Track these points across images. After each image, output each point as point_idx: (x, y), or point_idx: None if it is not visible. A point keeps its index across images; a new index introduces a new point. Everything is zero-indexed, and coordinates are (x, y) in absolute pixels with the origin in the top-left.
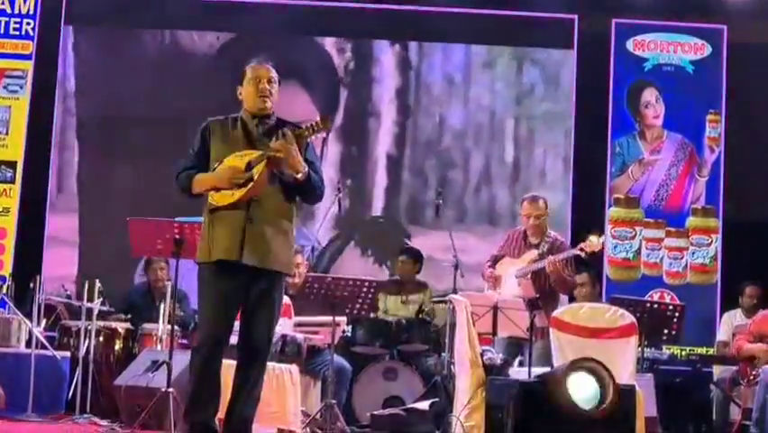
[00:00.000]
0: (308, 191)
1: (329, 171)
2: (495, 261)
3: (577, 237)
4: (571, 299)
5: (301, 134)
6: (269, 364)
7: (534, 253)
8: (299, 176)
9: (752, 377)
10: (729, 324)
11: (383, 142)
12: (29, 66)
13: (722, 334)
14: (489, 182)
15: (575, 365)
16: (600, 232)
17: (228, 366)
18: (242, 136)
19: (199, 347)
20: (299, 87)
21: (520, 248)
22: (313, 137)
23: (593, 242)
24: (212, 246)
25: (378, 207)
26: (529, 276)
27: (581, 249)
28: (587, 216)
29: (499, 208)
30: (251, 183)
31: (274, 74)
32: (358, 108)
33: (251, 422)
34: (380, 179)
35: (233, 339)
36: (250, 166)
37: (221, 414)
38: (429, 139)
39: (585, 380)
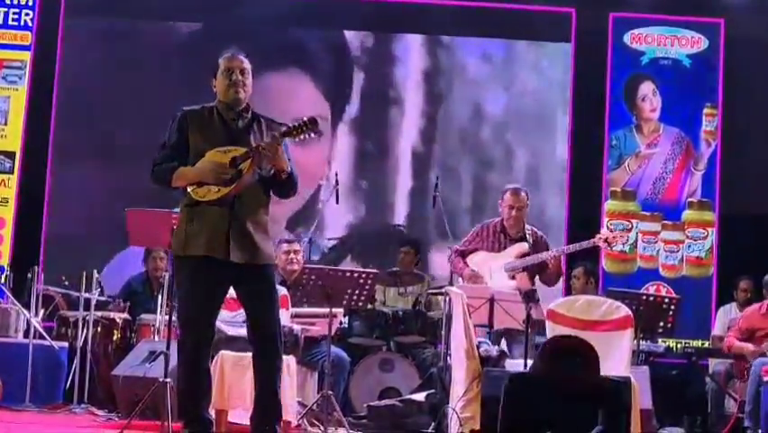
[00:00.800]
0: (287, 187)
1: (343, 168)
2: (463, 255)
3: (573, 231)
4: (568, 292)
5: (289, 134)
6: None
7: (522, 247)
8: (284, 174)
9: (746, 372)
10: (724, 318)
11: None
12: (28, 57)
13: (717, 328)
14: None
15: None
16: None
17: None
18: (222, 130)
19: (184, 344)
20: (300, 73)
21: (500, 241)
22: (300, 138)
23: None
24: (191, 240)
25: (401, 214)
26: (519, 270)
27: (605, 240)
28: (583, 210)
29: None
30: (238, 180)
31: (247, 65)
32: (376, 94)
33: (280, 408)
34: (404, 180)
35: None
36: (235, 162)
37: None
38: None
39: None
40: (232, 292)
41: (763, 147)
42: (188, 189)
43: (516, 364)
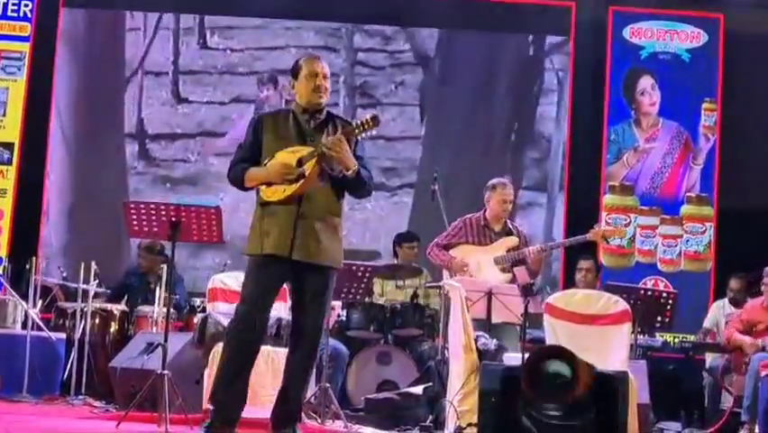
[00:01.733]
0: (357, 187)
1: None
2: (445, 248)
3: (571, 225)
4: (571, 285)
5: (352, 132)
6: (264, 348)
7: (513, 240)
8: (349, 173)
9: (744, 366)
10: (716, 313)
11: None
12: (27, 48)
13: (707, 321)
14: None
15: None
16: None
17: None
18: (294, 131)
19: (232, 329)
20: None
21: (485, 235)
22: (363, 135)
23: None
24: (263, 240)
25: None
26: (510, 264)
27: (601, 235)
28: (581, 204)
29: None
30: (303, 180)
31: (327, 69)
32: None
33: (301, 407)
34: None
35: None
36: (301, 162)
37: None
38: None
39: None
40: (230, 284)
41: (762, 142)
42: (259, 190)
43: (513, 358)
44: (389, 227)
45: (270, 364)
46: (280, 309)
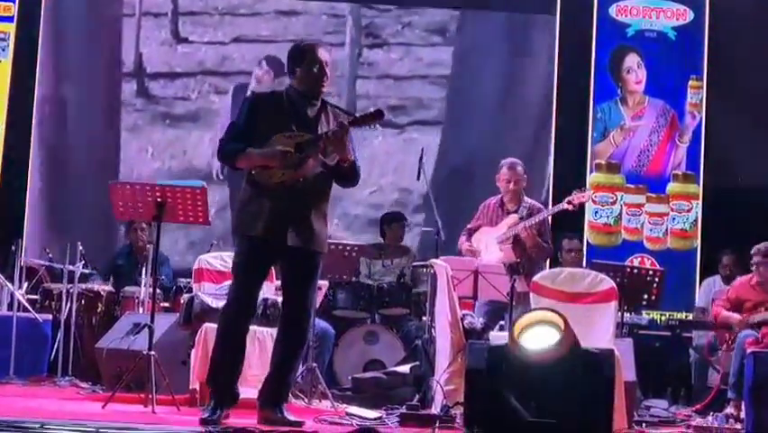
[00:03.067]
0: (350, 177)
1: None
2: (470, 234)
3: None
4: (555, 264)
5: (356, 124)
6: (252, 328)
7: (513, 218)
8: (346, 164)
9: (729, 343)
10: (708, 290)
11: None
12: (11, 28)
13: (700, 300)
14: None
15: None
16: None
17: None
18: (292, 116)
19: (227, 316)
20: None
21: (498, 216)
22: (366, 127)
23: (579, 193)
24: (252, 221)
25: None
26: (510, 241)
27: (569, 202)
28: (568, 182)
29: None
30: (303, 166)
31: (330, 56)
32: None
33: (289, 388)
34: None
35: None
36: (301, 149)
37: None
38: None
39: (540, 332)
40: (216, 265)
41: (748, 119)
42: (252, 171)
43: (499, 337)
44: (397, 163)
45: (257, 345)
46: (267, 290)
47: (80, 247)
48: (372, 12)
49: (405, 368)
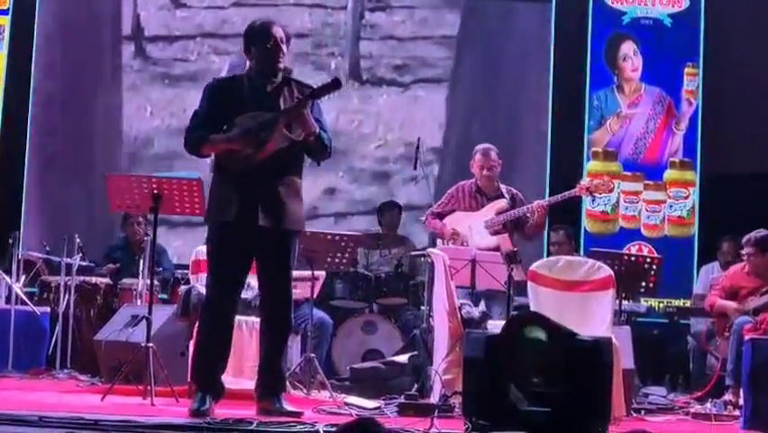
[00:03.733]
0: (318, 149)
1: None
2: (440, 217)
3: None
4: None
5: (314, 96)
6: (249, 319)
7: (500, 203)
8: (311, 137)
9: (727, 330)
10: (706, 277)
11: None
12: (6, 21)
13: (699, 287)
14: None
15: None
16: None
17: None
18: (252, 96)
19: (210, 305)
20: None
21: (476, 201)
22: (325, 97)
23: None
24: (223, 206)
25: None
26: (503, 227)
27: (587, 188)
28: (565, 170)
29: None
30: (266, 145)
31: (283, 33)
32: None
33: (284, 376)
34: None
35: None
36: (263, 127)
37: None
38: None
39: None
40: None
41: (744, 106)
42: (219, 156)
43: (497, 326)
44: (403, 119)
45: (254, 336)
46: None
47: (77, 239)
48: None
49: (403, 358)
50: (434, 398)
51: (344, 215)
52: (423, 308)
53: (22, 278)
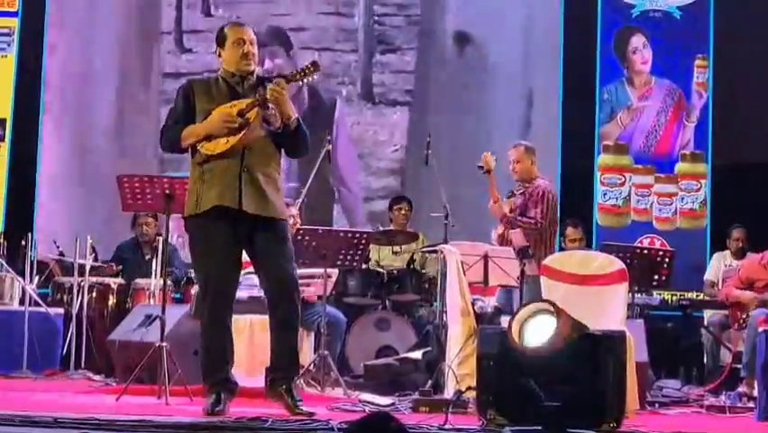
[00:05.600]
0: (298, 140)
1: None
2: None
3: (566, 186)
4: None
5: (293, 78)
6: (263, 318)
7: (512, 201)
8: (291, 122)
9: (742, 321)
10: (718, 264)
11: None
12: (15, 23)
13: (710, 273)
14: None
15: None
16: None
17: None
18: (227, 93)
19: (204, 305)
20: None
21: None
22: (304, 81)
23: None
24: (202, 196)
25: None
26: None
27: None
28: (576, 164)
29: None
30: (246, 128)
31: (254, 35)
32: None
33: (297, 370)
34: None
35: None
36: (242, 113)
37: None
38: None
39: (540, 323)
40: None
41: (755, 97)
42: (198, 147)
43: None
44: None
45: (267, 333)
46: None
47: (90, 240)
48: None
49: (417, 354)
50: (448, 394)
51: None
52: (435, 304)
53: (36, 279)
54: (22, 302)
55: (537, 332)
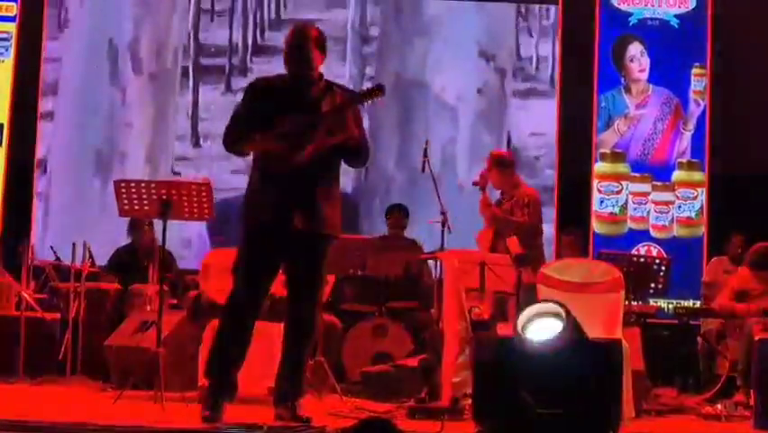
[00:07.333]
0: (357, 155)
1: None
2: None
3: (563, 193)
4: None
5: (357, 100)
6: (259, 324)
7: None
8: (351, 141)
9: (738, 330)
10: (716, 268)
11: None
12: (13, 28)
13: (707, 275)
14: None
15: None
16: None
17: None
18: (294, 98)
19: (231, 306)
20: None
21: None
22: (367, 103)
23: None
24: (261, 207)
25: None
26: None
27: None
28: (573, 172)
29: None
30: (307, 148)
31: (300, 37)
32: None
33: (302, 384)
34: None
35: None
36: (304, 129)
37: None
38: None
39: (545, 324)
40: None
41: (752, 106)
42: (259, 157)
43: (507, 328)
44: None
45: (264, 340)
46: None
47: (87, 245)
48: None
49: (413, 361)
50: (444, 401)
51: None
52: (432, 310)
53: (32, 284)
54: (18, 308)
55: (542, 331)
